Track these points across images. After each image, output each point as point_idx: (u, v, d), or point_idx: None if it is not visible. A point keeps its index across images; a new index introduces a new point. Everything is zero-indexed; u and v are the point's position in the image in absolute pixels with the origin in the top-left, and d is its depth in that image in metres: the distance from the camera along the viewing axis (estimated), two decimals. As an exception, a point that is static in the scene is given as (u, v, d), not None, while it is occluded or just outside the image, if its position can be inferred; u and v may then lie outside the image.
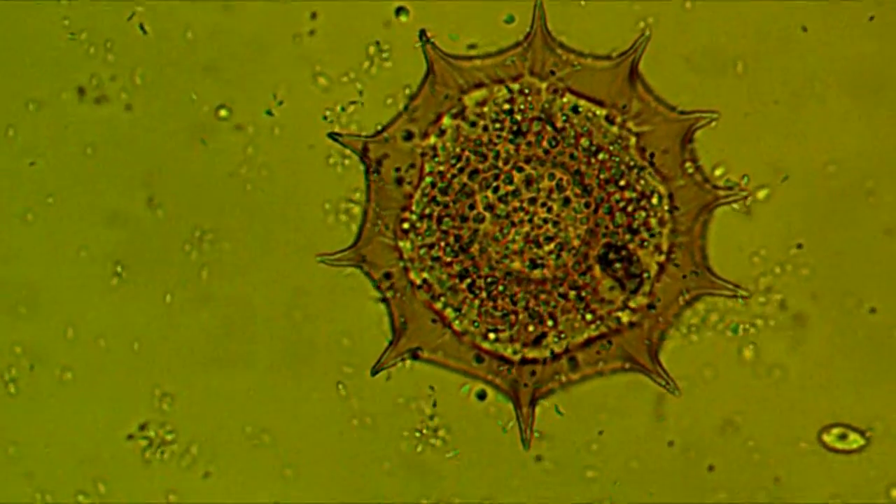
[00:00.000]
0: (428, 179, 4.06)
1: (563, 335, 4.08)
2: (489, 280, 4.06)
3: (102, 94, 4.10)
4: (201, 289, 4.14)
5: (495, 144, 4.04)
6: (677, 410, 4.13)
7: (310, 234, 4.09)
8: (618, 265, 4.02)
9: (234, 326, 4.13)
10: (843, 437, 4.11)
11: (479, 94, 4.07)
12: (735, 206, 4.04)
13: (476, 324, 4.07)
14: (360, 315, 4.12)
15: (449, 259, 4.04)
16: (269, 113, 3.86)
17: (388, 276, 4.09)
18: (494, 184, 4.01)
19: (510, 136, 4.03)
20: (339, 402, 4.12)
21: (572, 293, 4.07)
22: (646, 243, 4.04)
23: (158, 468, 4.14)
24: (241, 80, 4.08)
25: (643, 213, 4.04)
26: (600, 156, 4.00)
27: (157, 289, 4.14)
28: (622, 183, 4.01)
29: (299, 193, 4.10)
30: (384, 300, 4.10)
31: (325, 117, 4.03)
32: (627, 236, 4.05)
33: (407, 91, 4.09)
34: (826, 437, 4.13)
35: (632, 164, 4.03)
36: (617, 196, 4.02)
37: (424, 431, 4.03)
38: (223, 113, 4.07)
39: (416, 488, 4.09)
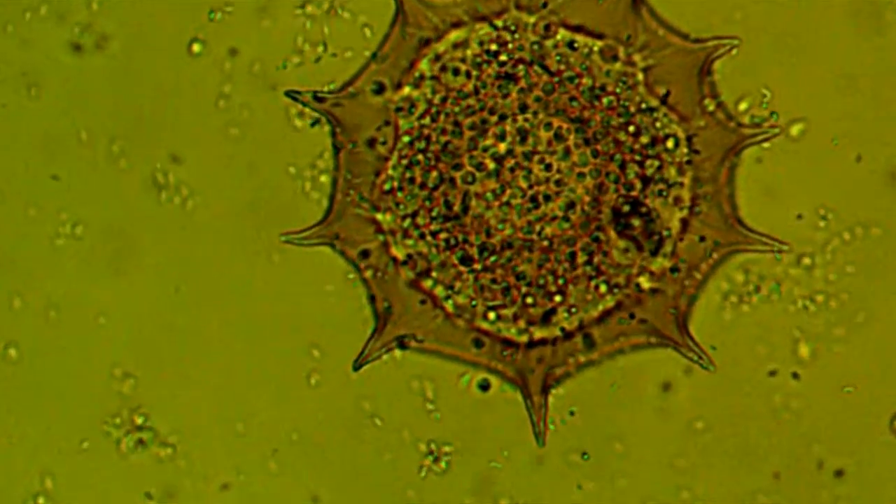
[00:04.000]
0: (405, 138, 3.86)
1: (574, 309, 3.88)
2: (484, 249, 3.84)
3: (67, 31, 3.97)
4: (165, 257, 4.00)
5: (481, 93, 3.85)
6: (715, 390, 3.94)
7: (274, 207, 3.95)
8: (634, 223, 3.83)
9: (198, 303, 4.00)
10: (917, 425, 3.91)
11: (457, 34, 3.86)
12: (765, 144, 3.86)
13: (473, 302, 3.87)
14: (335, 301, 3.95)
15: (436, 228, 3.84)
16: (211, 17, 3.82)
17: (365, 253, 3.90)
18: (483, 142, 3.83)
19: (498, 83, 3.84)
20: (322, 394, 3.99)
21: (582, 259, 3.85)
22: (664, 195, 3.83)
23: (125, 458, 4.00)
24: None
25: (659, 162, 3.84)
26: (604, 100, 3.83)
27: (118, 255, 3.99)
28: (631, 129, 3.83)
29: (263, 156, 3.97)
30: (363, 282, 3.91)
31: (285, 65, 3.91)
32: (642, 188, 3.85)
33: (367, 31, 3.90)
34: (898, 425, 3.92)
35: (642, 104, 3.85)
36: (628, 144, 3.83)
37: (429, 462, 3.94)
38: (196, 48, 3.92)
39: (423, 488, 3.97)
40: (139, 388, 3.99)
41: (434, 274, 3.88)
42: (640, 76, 3.84)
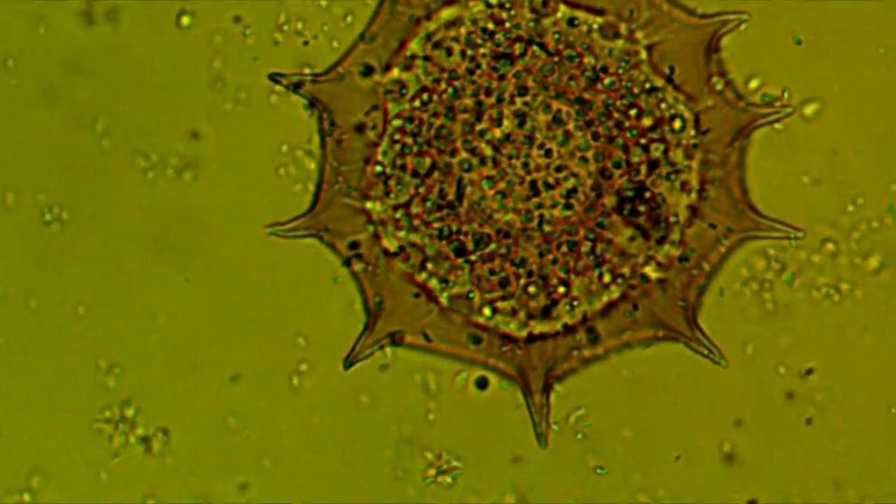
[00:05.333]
0: (395, 123, 3.84)
1: (576, 302, 3.84)
2: (480, 238, 3.81)
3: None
4: (152, 244, 3.98)
5: (475, 74, 3.83)
6: (730, 389, 3.91)
7: (259, 197, 3.94)
8: (639, 209, 3.80)
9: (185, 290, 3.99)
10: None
11: (450, 12, 3.85)
12: (777, 125, 3.84)
13: (469, 295, 3.84)
14: (323, 296, 3.93)
15: (430, 218, 3.84)
16: None
17: (355, 245, 3.87)
18: (479, 126, 3.82)
19: (493, 63, 3.83)
20: (313, 393, 3.98)
21: (585, 248, 3.82)
22: (671, 180, 3.81)
23: (107, 453, 3.99)
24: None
25: (665, 145, 3.82)
26: (606, 80, 3.81)
27: (100, 238, 3.97)
28: (634, 111, 3.82)
29: (248, 138, 3.96)
30: (353, 275, 3.89)
31: (246, 33, 3.91)
32: (648, 173, 3.83)
33: (349, 20, 3.88)
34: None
35: (646, 84, 3.82)
36: (632, 126, 3.81)
37: (436, 475, 3.93)
38: (185, 20, 3.91)
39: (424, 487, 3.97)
40: (125, 381, 3.97)
41: (428, 266, 3.84)
42: (644, 54, 3.82)
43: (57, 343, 3.99)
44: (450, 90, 3.81)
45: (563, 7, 3.81)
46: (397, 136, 3.83)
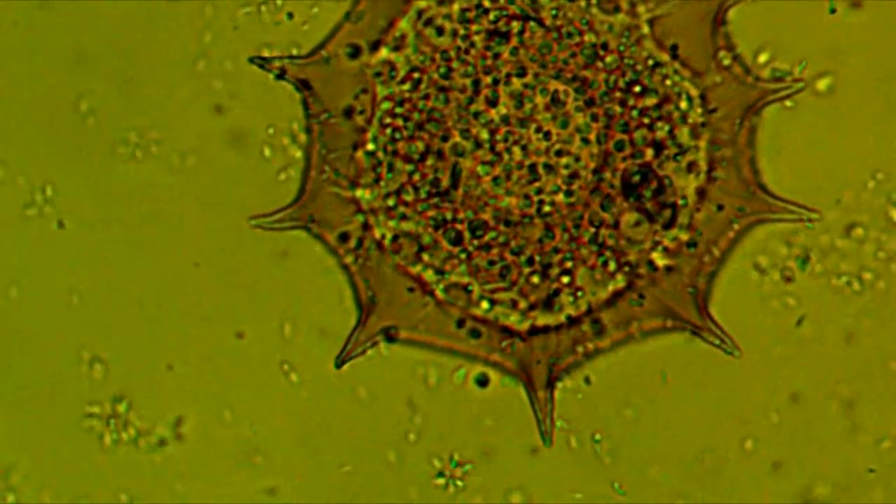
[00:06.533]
0: (385, 106, 3.81)
1: (581, 293, 3.82)
2: (477, 227, 3.76)
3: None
4: (136, 228, 3.97)
5: (469, 54, 3.80)
6: (744, 383, 3.88)
7: (244, 186, 3.93)
8: (644, 193, 3.76)
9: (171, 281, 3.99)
10: None
11: None
12: (788, 102, 3.82)
13: (467, 287, 3.81)
14: (314, 291, 3.92)
15: (424, 206, 3.81)
16: None
17: (345, 236, 3.83)
18: (474, 108, 3.79)
19: (488, 42, 3.80)
20: (308, 392, 3.97)
21: (587, 235, 3.79)
22: (677, 161, 3.78)
23: (105, 451, 4.00)
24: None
25: (670, 124, 3.81)
26: (608, 58, 3.79)
27: (87, 226, 3.97)
28: (637, 89, 3.79)
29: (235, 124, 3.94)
30: (344, 269, 3.87)
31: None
32: (653, 154, 3.80)
33: None
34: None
35: (649, 61, 3.80)
36: (635, 105, 3.79)
37: (448, 475, 3.93)
38: None
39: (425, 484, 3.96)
40: (111, 374, 3.99)
41: (424, 257, 3.82)
42: (646, 29, 3.82)
43: (38, 332, 4.00)
44: (443, 69, 3.78)
45: (560, -20, 3.83)
46: (388, 120, 3.80)
